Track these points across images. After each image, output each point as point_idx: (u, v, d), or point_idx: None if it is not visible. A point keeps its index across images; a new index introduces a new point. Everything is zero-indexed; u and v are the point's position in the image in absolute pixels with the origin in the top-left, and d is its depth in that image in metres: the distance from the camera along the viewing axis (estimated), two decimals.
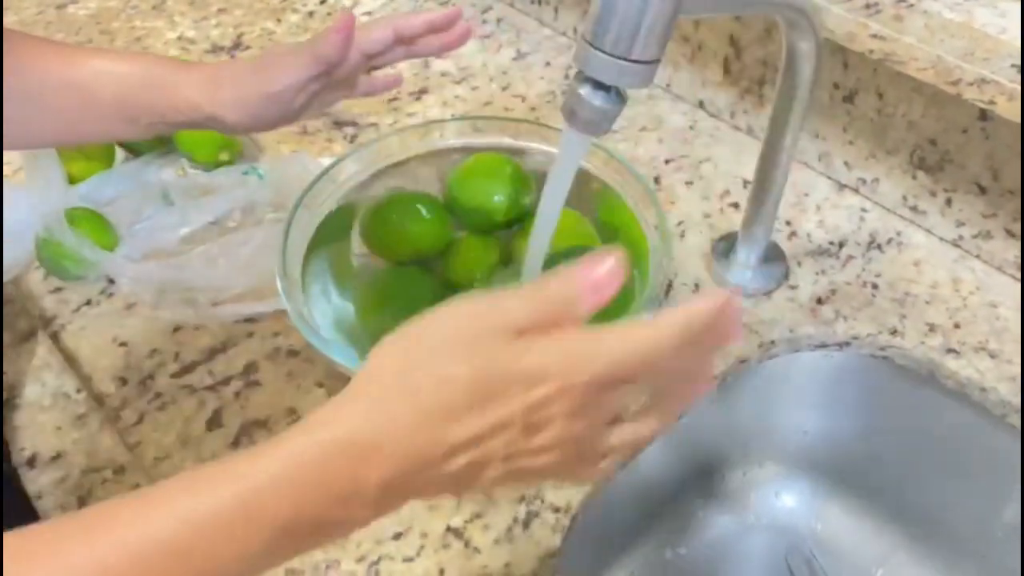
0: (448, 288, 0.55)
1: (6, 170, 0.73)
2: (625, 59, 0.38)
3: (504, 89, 0.80)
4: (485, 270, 0.56)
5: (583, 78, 0.40)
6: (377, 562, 0.49)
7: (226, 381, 0.58)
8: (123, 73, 0.49)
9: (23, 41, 0.49)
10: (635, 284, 0.55)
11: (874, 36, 0.54)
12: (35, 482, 0.52)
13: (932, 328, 0.60)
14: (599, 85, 0.40)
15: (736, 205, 0.69)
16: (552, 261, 0.51)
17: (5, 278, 0.64)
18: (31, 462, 0.53)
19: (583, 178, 0.59)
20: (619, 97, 0.41)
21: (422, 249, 0.56)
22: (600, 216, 0.59)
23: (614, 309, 0.52)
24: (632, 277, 0.56)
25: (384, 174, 0.60)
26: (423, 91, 0.80)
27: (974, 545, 0.63)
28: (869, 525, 0.68)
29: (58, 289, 0.64)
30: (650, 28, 0.38)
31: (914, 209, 0.66)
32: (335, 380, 0.57)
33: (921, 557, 0.67)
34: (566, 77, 0.82)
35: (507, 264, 0.57)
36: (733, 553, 0.69)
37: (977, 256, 0.64)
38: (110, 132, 0.53)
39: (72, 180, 0.68)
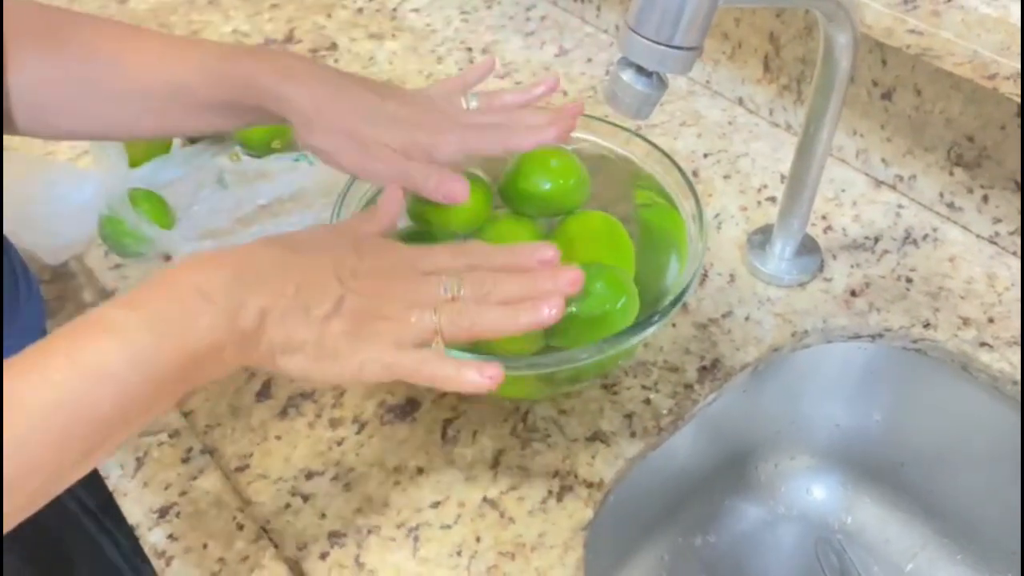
0: None
1: (70, 154, 0.77)
2: (667, 45, 0.40)
3: None
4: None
5: (626, 63, 0.42)
6: (416, 528, 0.51)
7: None
8: (224, 75, 0.49)
9: (125, 37, 0.50)
10: (672, 271, 0.56)
11: (911, 31, 0.55)
12: None
13: (966, 322, 0.60)
14: (641, 70, 0.42)
15: (773, 199, 0.70)
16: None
17: (70, 254, 0.67)
18: None
19: (623, 167, 0.61)
20: (660, 82, 0.42)
21: (460, 222, 0.57)
22: (638, 205, 0.61)
23: (649, 297, 0.54)
24: (669, 264, 0.57)
25: None
26: None
27: (1006, 541, 0.64)
28: (900, 519, 0.69)
29: (118, 265, 0.67)
30: (692, 15, 0.39)
31: (951, 206, 0.67)
32: None
33: (952, 552, 0.67)
34: (607, 73, 0.83)
35: None
36: (762, 543, 0.70)
37: (1014, 253, 0.64)
38: (211, 126, 0.53)
39: (133, 164, 0.71)
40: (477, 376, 0.40)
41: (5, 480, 0.32)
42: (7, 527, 0.33)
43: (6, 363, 0.33)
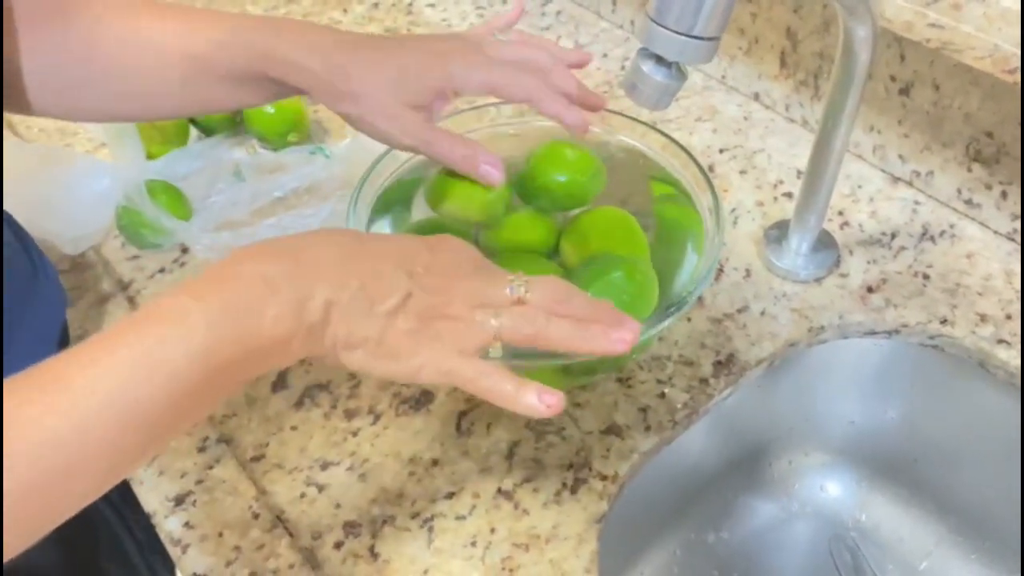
0: (490, 256, 0.56)
1: (88, 146, 0.77)
2: (687, 35, 0.40)
3: None
4: (528, 242, 0.57)
5: (646, 54, 0.42)
6: (431, 519, 0.51)
7: None
8: (240, 46, 0.48)
9: (138, 11, 0.49)
10: (687, 265, 0.56)
11: (932, 25, 0.55)
12: None
13: (983, 318, 0.60)
14: (661, 61, 0.42)
15: (789, 195, 0.70)
16: (590, 264, 0.52)
17: (88, 245, 0.68)
18: None
19: (639, 160, 0.61)
20: (680, 73, 0.42)
21: (478, 212, 0.56)
22: (655, 199, 0.61)
23: (665, 291, 0.54)
24: (682, 260, 0.57)
25: None
26: None
27: (1020, 539, 0.63)
28: (914, 516, 0.68)
29: (135, 257, 0.67)
30: (713, 5, 0.39)
31: (968, 202, 0.66)
32: None
33: (966, 550, 0.67)
34: (622, 68, 0.83)
35: (552, 256, 0.57)
36: (776, 540, 0.70)
37: None
38: (232, 101, 0.52)
39: (150, 156, 0.71)
40: (535, 400, 0.38)
41: (67, 465, 0.31)
42: (70, 513, 0.33)
43: (75, 349, 0.33)
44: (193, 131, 0.77)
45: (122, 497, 0.54)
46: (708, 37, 0.40)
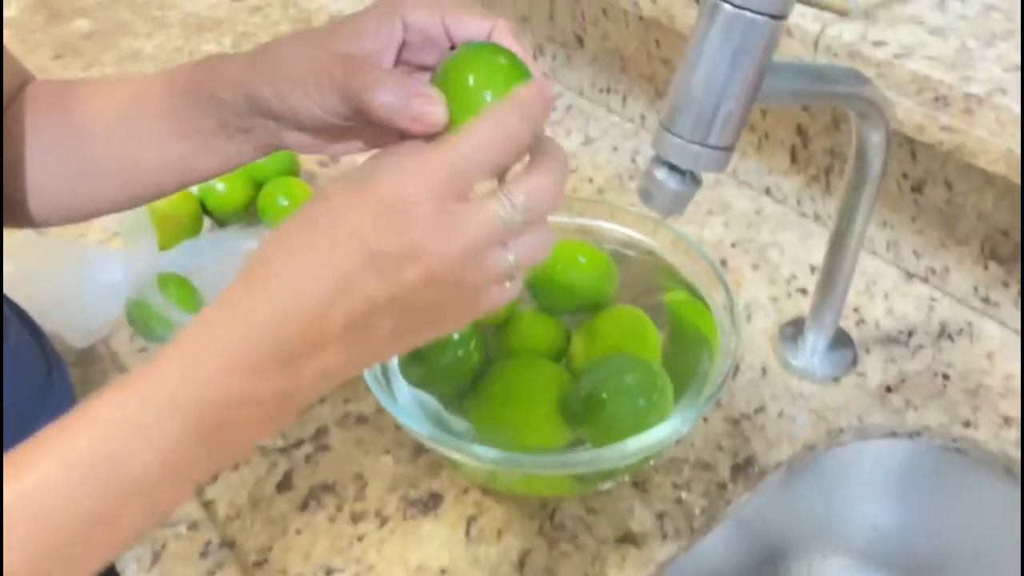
0: (499, 357, 0.56)
1: (101, 235, 0.78)
2: (701, 145, 0.40)
3: (573, 172, 0.83)
4: (537, 344, 0.56)
5: (659, 161, 0.42)
6: None
7: (297, 444, 0.59)
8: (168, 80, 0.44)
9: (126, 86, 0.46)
10: (703, 365, 0.55)
11: (944, 128, 0.55)
12: None
13: (1007, 421, 0.58)
14: (674, 168, 0.42)
15: (803, 290, 0.69)
16: (601, 366, 0.52)
17: (97, 337, 0.67)
18: None
19: (649, 259, 0.61)
20: (694, 180, 0.42)
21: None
22: (667, 298, 0.60)
23: (680, 390, 0.53)
24: (700, 357, 0.56)
25: None
26: None
27: None
28: None
29: (143, 349, 0.67)
30: (727, 116, 0.39)
31: (986, 300, 0.66)
32: (402, 448, 0.58)
33: None
34: (632, 161, 0.84)
35: (559, 359, 0.57)
36: None
37: None
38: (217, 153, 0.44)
39: (163, 246, 0.71)
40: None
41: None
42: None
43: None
44: (207, 221, 0.77)
45: None
46: (722, 147, 0.40)
